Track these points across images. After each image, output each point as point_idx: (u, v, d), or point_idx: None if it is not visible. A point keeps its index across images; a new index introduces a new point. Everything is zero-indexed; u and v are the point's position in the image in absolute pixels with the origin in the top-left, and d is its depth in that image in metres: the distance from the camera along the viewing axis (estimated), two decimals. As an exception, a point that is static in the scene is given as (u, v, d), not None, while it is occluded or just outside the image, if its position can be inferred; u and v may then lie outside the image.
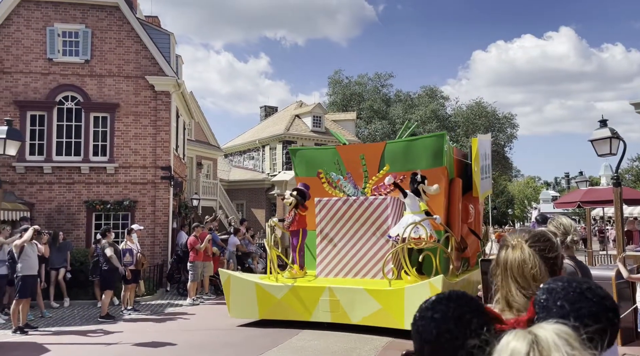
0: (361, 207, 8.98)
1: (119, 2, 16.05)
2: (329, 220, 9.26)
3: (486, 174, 10.97)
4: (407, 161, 9.36)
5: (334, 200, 9.26)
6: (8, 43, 15.60)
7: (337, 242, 9.20)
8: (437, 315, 0.87)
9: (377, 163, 9.58)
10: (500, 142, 43.99)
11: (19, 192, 15.27)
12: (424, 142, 9.43)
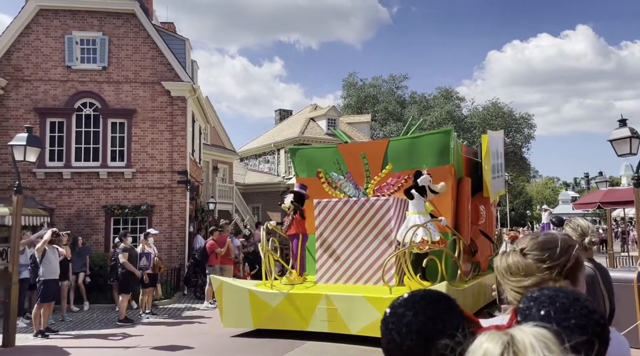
0: (362, 208, 8.42)
1: (135, 10, 16.28)
2: (329, 223, 8.73)
3: (498, 173, 10.42)
4: (412, 159, 8.85)
5: (334, 201, 8.68)
6: (28, 51, 15.92)
7: (337, 245, 8.68)
8: (410, 313, 0.82)
9: (380, 162, 9.05)
10: (517, 142, 43.50)
11: (40, 197, 15.55)
12: (429, 139, 8.88)
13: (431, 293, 0.86)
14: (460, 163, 9.24)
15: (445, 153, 8.58)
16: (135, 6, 16.29)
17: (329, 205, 8.75)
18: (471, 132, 41.42)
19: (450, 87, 46.11)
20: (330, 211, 8.70)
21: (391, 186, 8.45)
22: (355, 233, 8.56)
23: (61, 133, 15.93)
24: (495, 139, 10.37)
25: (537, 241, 1.52)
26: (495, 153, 10.06)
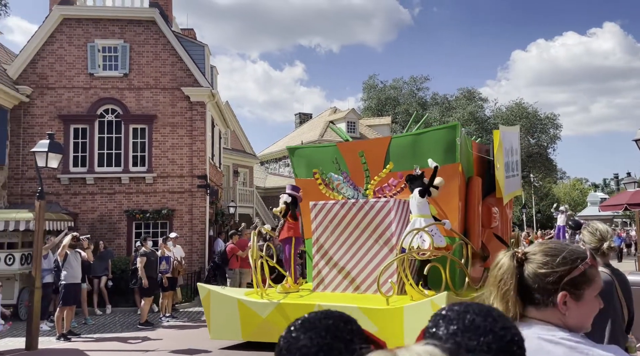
0: (361, 211, 7.79)
1: (155, 17, 16.53)
2: (326, 227, 8.09)
3: (514, 172, 9.60)
4: (415, 157, 8.08)
5: (331, 203, 8.06)
6: (52, 60, 16.30)
7: (335, 251, 8.04)
8: (305, 336, 0.78)
9: (381, 160, 8.33)
10: (542, 143, 42.62)
11: (64, 202, 15.87)
12: (434, 135, 8.16)
13: (328, 315, 0.82)
14: (469, 162, 8.49)
15: (452, 151, 7.84)
16: (155, 13, 16.53)
17: (325, 207, 8.13)
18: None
19: (472, 88, 45.50)
20: (327, 214, 8.09)
21: (393, 187, 7.74)
22: (353, 238, 7.92)
23: (84, 139, 16.25)
24: (509, 135, 9.56)
25: (544, 247, 1.46)
26: (510, 150, 9.28)
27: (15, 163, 15.90)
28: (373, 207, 7.77)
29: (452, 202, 7.76)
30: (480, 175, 8.66)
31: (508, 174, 9.10)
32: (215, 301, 8.09)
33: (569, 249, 1.42)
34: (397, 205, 7.77)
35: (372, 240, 7.82)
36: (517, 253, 1.43)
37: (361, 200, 7.88)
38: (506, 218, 9.61)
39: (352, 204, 7.91)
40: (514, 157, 9.69)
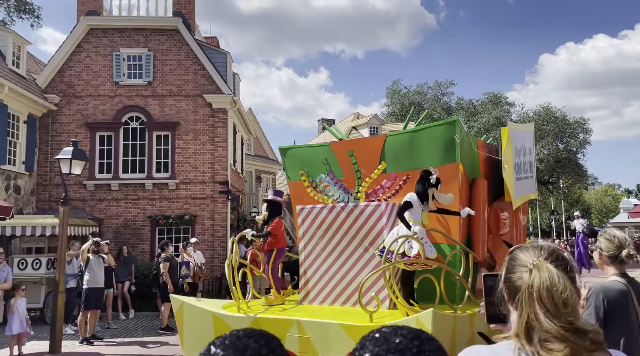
0: (350, 215, 7.00)
1: (179, 26, 16.82)
2: (313, 233, 7.33)
3: (526, 173, 8.65)
4: (412, 157, 7.27)
5: (318, 207, 7.27)
6: (79, 69, 16.74)
7: (323, 260, 7.32)
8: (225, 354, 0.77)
9: (376, 160, 7.58)
10: (572, 148, 41.60)
11: (89, 208, 16.21)
12: (432, 133, 7.33)
13: (250, 334, 0.82)
14: (474, 162, 7.62)
15: (451, 149, 6.98)
16: (179, 22, 16.82)
17: (312, 212, 7.31)
18: (521, 138, 39.89)
19: (499, 92, 44.74)
20: (315, 219, 7.30)
21: (386, 189, 6.89)
22: (343, 245, 7.13)
23: (110, 146, 16.60)
24: (521, 134, 8.60)
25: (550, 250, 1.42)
26: (521, 150, 8.38)
27: (44, 170, 16.34)
28: (363, 212, 6.91)
29: (451, 205, 6.86)
30: (489, 177, 7.75)
31: (519, 176, 8.21)
32: (188, 315, 7.41)
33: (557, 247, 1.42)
34: (390, 210, 6.91)
35: (362, 247, 6.99)
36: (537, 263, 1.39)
37: (350, 204, 6.99)
38: (519, 225, 8.63)
39: (341, 208, 7.06)
40: (527, 157, 8.75)
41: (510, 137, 7.70)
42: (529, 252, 1.47)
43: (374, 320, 5.75)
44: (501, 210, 7.70)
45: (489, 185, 7.62)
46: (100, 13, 17.16)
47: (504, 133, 7.70)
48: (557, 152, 39.25)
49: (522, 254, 1.48)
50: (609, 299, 2.61)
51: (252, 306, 7.26)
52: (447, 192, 6.58)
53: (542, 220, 53.17)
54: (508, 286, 1.46)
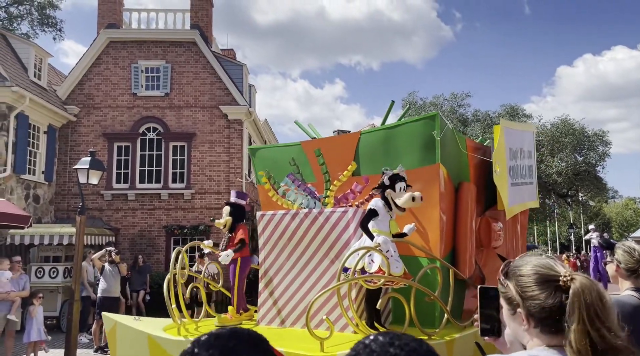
0: (315, 223, 6.01)
1: (196, 38, 17.06)
2: (274, 244, 6.34)
3: (524, 178, 7.64)
4: (388, 157, 6.31)
5: (280, 214, 6.28)
6: (98, 81, 17.05)
7: (284, 275, 6.32)
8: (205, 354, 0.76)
9: (349, 161, 6.61)
10: (591, 160, 40.96)
11: (106, 218, 16.39)
12: (409, 129, 6.30)
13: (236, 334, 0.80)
14: (461, 164, 6.61)
15: (431, 149, 6.00)
16: (196, 35, 17.07)
17: (274, 219, 6.33)
18: (539, 150, 39.51)
19: (516, 104, 44.38)
20: (276, 228, 6.29)
21: (357, 194, 5.98)
22: (306, 258, 6.13)
23: (127, 156, 16.81)
24: (518, 134, 7.60)
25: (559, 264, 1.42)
26: (517, 152, 7.41)
27: (62, 179, 16.60)
28: (328, 219, 5.91)
29: (430, 213, 5.83)
30: (480, 183, 6.74)
31: (515, 181, 7.14)
32: (122, 336, 6.55)
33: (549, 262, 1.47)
34: (358, 217, 5.92)
35: (328, 260, 5.99)
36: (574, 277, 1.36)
37: (315, 211, 5.99)
38: (516, 237, 7.48)
39: (304, 215, 6.08)
40: (525, 160, 7.69)
41: (503, 136, 6.76)
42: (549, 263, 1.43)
43: (326, 349, 4.79)
44: (494, 220, 6.64)
45: (481, 191, 6.67)
46: (119, 26, 17.51)
47: (496, 132, 6.73)
48: (576, 165, 38.66)
49: (539, 268, 1.42)
50: (623, 314, 2.53)
51: (201, 327, 6.40)
52: (427, 198, 5.66)
53: (561, 233, 52.27)
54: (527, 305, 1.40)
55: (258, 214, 6.52)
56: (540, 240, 53.72)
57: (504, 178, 6.70)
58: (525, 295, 1.40)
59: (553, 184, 36.49)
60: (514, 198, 6.94)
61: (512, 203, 6.85)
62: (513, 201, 6.91)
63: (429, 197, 5.75)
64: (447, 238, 6.03)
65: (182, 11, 17.84)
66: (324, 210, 6.05)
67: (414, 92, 49.66)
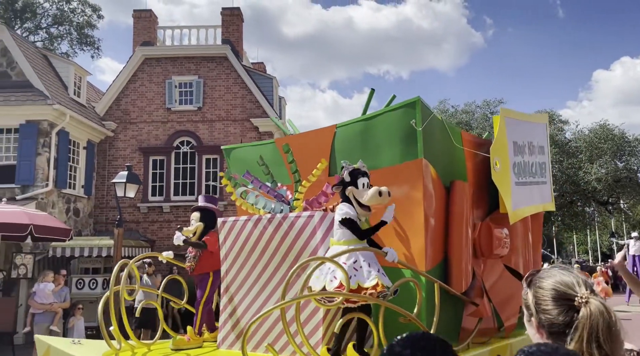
0: (279, 230, 5.13)
1: (227, 53, 17.41)
2: (237, 254, 5.49)
3: (534, 177, 6.57)
4: (366, 153, 5.36)
5: (242, 220, 5.42)
6: (134, 97, 17.59)
7: (247, 290, 5.47)
8: (407, 352, 0.88)
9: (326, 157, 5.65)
10: (632, 166, 39.49)
11: (142, 230, 16.79)
12: (387, 120, 5.40)
13: (428, 337, 0.96)
14: (455, 161, 5.73)
15: (412, 141, 5.09)
16: (227, 50, 17.42)
17: (236, 226, 5.49)
18: (576, 157, 38.43)
19: (551, 110, 43.32)
20: (238, 236, 5.44)
21: (330, 196, 5.18)
22: (271, 270, 5.25)
23: (162, 170, 17.23)
24: (523, 125, 6.44)
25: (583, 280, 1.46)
26: (525, 146, 6.39)
27: (101, 193, 17.12)
28: (293, 225, 5.05)
29: (413, 217, 4.93)
30: (482, 183, 5.84)
31: (521, 180, 6.14)
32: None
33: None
34: (326, 222, 5.10)
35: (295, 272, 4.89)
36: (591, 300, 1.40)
37: (278, 216, 5.12)
38: (527, 244, 6.44)
39: (268, 221, 5.20)
40: (536, 157, 6.67)
41: (505, 127, 5.89)
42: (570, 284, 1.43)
43: None
44: (498, 225, 5.68)
45: (482, 193, 5.84)
46: (154, 43, 18.04)
47: (496, 123, 5.86)
48: (616, 171, 37.34)
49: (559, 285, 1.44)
50: None
51: (153, 352, 5.62)
52: (409, 200, 4.90)
53: (602, 242, 50.43)
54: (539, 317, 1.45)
55: (219, 221, 5.60)
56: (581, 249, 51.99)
57: (506, 176, 5.78)
58: (540, 308, 1.45)
59: (592, 191, 35.21)
60: (519, 200, 5.97)
61: (517, 205, 5.90)
62: (518, 203, 5.94)
63: (411, 198, 4.92)
64: (436, 246, 5.07)
65: (214, 27, 18.25)
66: (288, 215, 5.10)
67: (445, 100, 49.03)
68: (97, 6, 30.87)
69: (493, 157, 5.51)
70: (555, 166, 32.43)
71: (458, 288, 5.00)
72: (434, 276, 4.71)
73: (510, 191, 5.80)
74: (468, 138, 5.89)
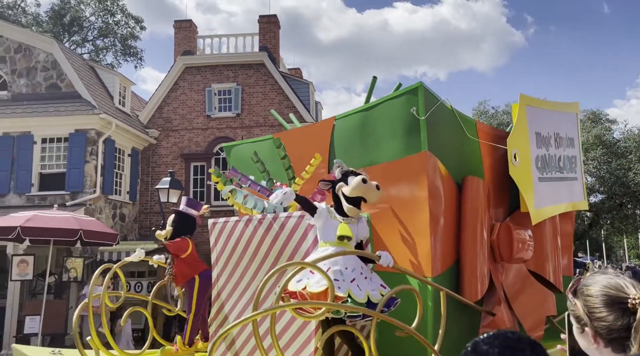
0: (270, 231, 4.72)
1: (264, 60, 17.68)
2: (228, 257, 5.02)
3: (562, 172, 5.82)
4: (366, 147, 4.85)
5: (233, 221, 5.02)
6: (176, 105, 18.09)
7: (239, 296, 4.96)
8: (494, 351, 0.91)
9: (324, 153, 5.13)
10: (687, 166, 37.51)
11: (185, 234, 17.20)
12: (388, 108, 4.72)
13: (518, 335, 0.97)
14: (469, 154, 5.00)
15: (414, 132, 4.41)
16: (265, 57, 17.69)
17: (226, 227, 5.11)
18: (626, 157, 36.82)
19: (598, 109, 41.75)
20: (229, 237, 5.02)
21: (327, 194, 4.61)
22: (261, 276, 4.70)
23: (202, 175, 17.64)
24: (549, 115, 5.76)
25: None
26: (551, 138, 5.66)
27: (145, 198, 17.67)
28: (284, 226, 4.66)
29: (417, 217, 4.30)
30: (502, 179, 5.12)
31: (546, 175, 5.47)
32: None
33: None
34: None
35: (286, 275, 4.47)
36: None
37: (269, 216, 4.73)
38: (556, 247, 5.57)
39: (258, 222, 4.84)
40: (564, 149, 5.93)
41: (526, 116, 5.20)
42: (618, 286, 1.40)
43: None
44: (519, 227, 4.99)
45: (502, 190, 5.19)
46: (194, 52, 18.52)
47: (515, 112, 5.20)
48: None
49: (608, 289, 1.39)
50: None
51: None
52: (412, 197, 4.29)
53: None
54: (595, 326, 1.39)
55: (209, 222, 5.30)
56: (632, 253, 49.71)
57: (527, 170, 5.09)
58: (593, 316, 1.39)
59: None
60: (543, 197, 5.27)
61: (540, 203, 5.20)
62: (542, 201, 5.24)
63: (415, 195, 4.36)
64: (446, 249, 4.48)
65: (251, 35, 18.57)
66: (279, 216, 4.72)
67: (485, 101, 48.06)
68: (139, 18, 31.99)
69: (511, 149, 4.87)
70: (603, 167, 31.08)
71: (472, 296, 4.42)
72: (443, 282, 4.14)
73: (532, 187, 5.15)
74: (485, 130, 5.19)
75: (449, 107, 4.67)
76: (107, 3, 30.81)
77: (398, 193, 4.42)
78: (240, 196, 4.83)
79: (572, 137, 6.21)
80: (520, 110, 5.14)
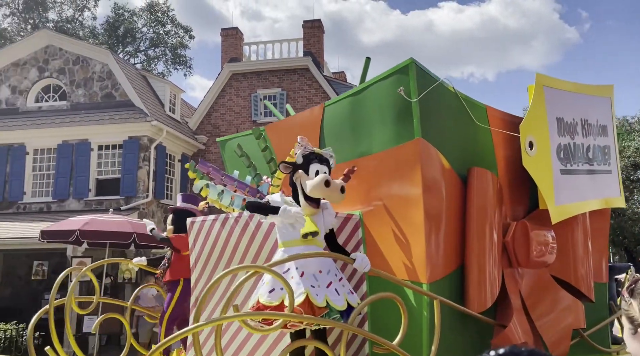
0: (246, 231, 4.26)
1: (309, 65, 17.83)
2: (206, 259, 4.61)
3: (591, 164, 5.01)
4: (357, 135, 4.30)
5: (210, 220, 4.56)
6: (223, 111, 18.53)
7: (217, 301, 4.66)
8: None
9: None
10: None
11: (232, 237, 17.57)
12: (378, 91, 4.08)
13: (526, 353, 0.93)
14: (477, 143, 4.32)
15: (406, 117, 3.81)
16: (309, 61, 17.84)
17: (204, 227, 4.66)
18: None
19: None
20: (207, 238, 4.59)
21: None
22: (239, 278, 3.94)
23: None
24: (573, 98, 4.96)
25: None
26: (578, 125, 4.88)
27: (194, 203, 18.17)
28: (260, 225, 4.18)
29: (411, 215, 3.75)
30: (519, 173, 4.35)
31: (568, 167, 4.71)
32: None
33: None
34: None
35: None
36: None
37: (245, 214, 4.23)
38: (586, 250, 4.73)
39: (234, 221, 4.38)
40: (594, 138, 5.14)
41: (544, 99, 4.44)
42: None
43: None
44: (539, 226, 4.30)
45: (519, 185, 4.52)
46: (240, 59, 18.92)
47: (531, 94, 4.43)
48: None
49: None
50: None
51: None
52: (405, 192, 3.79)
53: None
54: None
55: (188, 221, 4.81)
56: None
57: (545, 161, 4.37)
58: None
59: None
60: (566, 192, 4.51)
61: (562, 199, 4.46)
62: (564, 196, 4.49)
63: (407, 190, 3.82)
64: (447, 252, 3.90)
65: (296, 40, 18.78)
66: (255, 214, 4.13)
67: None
68: (188, 27, 33.05)
69: (524, 136, 4.16)
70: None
71: (477, 305, 3.83)
72: (444, 289, 3.62)
73: (552, 181, 4.42)
74: (498, 116, 4.45)
75: (451, 88, 4.00)
76: (158, 14, 32.01)
77: (390, 188, 3.91)
78: (214, 192, 4.34)
79: (604, 124, 5.34)
80: (537, 91, 4.39)
